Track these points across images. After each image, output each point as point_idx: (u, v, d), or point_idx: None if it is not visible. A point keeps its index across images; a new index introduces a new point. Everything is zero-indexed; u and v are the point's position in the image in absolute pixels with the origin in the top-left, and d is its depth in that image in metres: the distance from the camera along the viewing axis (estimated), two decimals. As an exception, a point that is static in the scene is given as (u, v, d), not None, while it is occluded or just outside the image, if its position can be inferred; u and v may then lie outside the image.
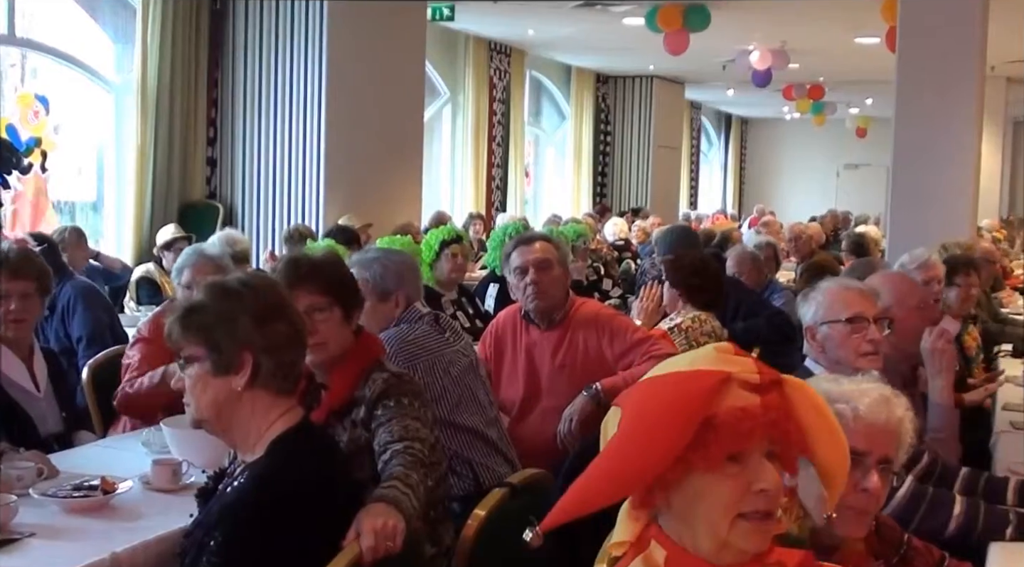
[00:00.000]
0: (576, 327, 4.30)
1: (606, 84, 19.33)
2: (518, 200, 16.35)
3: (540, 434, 4.21)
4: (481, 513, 2.98)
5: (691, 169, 23.27)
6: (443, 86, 14.87)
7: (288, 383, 2.50)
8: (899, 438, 2.22)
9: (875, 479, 2.17)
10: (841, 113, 21.19)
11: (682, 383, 1.62)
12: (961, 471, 3.41)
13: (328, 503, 2.47)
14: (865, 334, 3.45)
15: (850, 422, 2.15)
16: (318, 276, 3.15)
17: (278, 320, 2.47)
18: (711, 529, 1.61)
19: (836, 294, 3.50)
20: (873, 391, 2.22)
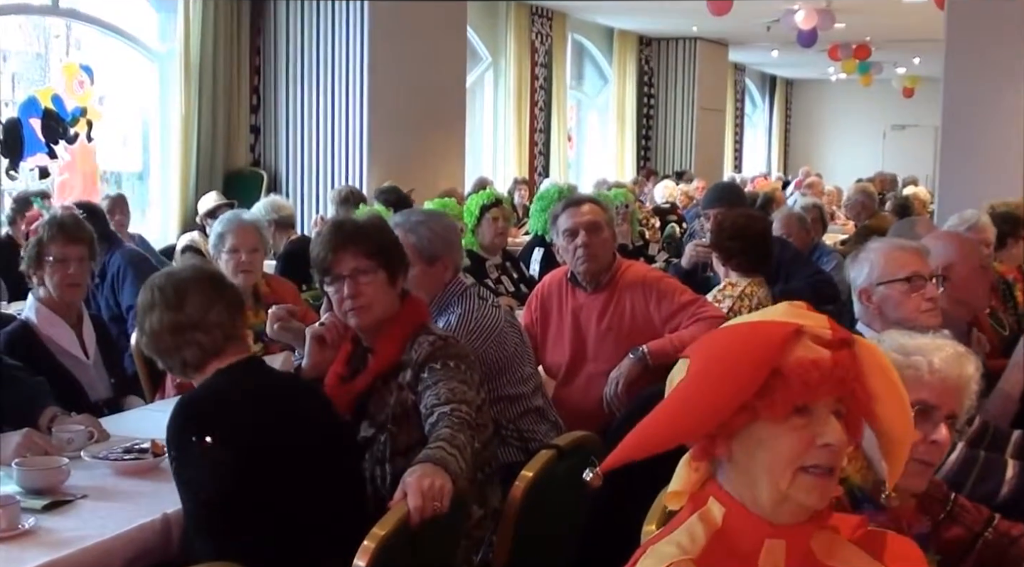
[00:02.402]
0: (622, 290, 4.28)
1: (649, 46, 19.18)
2: (561, 165, 16.29)
3: (586, 397, 4.20)
4: (529, 474, 2.98)
5: (735, 132, 23.08)
6: (485, 51, 14.82)
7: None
8: (967, 395, 2.24)
9: (944, 431, 2.19)
10: (888, 73, 20.91)
11: (753, 332, 1.63)
12: (1014, 435, 3.36)
13: (255, 422, 2.73)
14: (924, 292, 3.42)
15: (925, 374, 2.17)
16: (363, 239, 3.15)
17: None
18: (772, 481, 1.61)
19: (890, 254, 3.45)
20: (948, 346, 2.23)
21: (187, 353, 2.80)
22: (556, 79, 16.06)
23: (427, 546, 2.61)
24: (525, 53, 15.12)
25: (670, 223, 10.49)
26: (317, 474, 2.78)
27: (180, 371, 2.88)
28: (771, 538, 1.63)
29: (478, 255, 6.07)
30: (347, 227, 3.22)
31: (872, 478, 2.18)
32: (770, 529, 1.63)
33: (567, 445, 3.14)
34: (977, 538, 2.43)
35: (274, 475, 2.70)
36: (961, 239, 4.26)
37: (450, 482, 2.58)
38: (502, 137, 15.06)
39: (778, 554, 1.62)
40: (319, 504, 2.75)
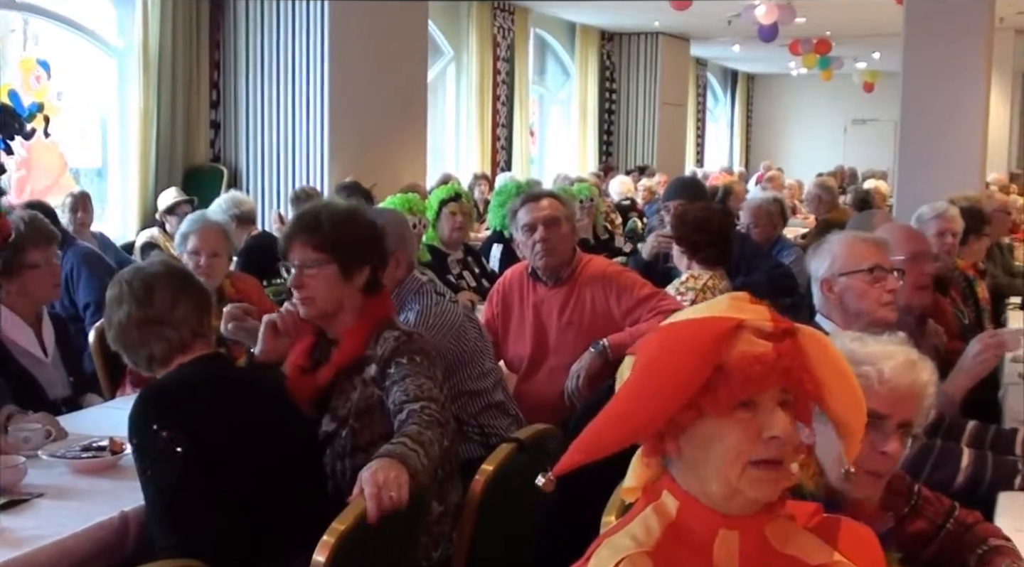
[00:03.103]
0: (583, 284, 4.29)
1: (611, 41, 19.21)
2: (523, 159, 16.29)
3: (548, 391, 4.22)
4: (489, 468, 2.99)
5: (697, 126, 23.14)
6: (447, 46, 14.79)
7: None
8: (921, 402, 2.21)
9: (894, 443, 2.17)
10: (848, 68, 21.02)
11: (694, 329, 1.62)
12: (968, 425, 3.40)
13: (216, 413, 2.76)
14: (884, 284, 3.43)
15: (875, 384, 2.14)
16: (313, 232, 3.12)
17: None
18: (722, 475, 1.60)
19: (853, 246, 3.46)
20: (899, 354, 2.20)
21: (154, 348, 2.85)
22: (518, 74, 16.05)
23: (387, 541, 2.61)
24: (487, 47, 15.10)
25: (631, 218, 10.52)
26: (277, 468, 2.80)
27: (145, 365, 2.91)
28: (724, 529, 1.63)
29: (440, 250, 6.06)
30: (304, 218, 3.20)
31: (825, 484, 2.18)
32: (722, 520, 1.63)
33: (528, 438, 3.15)
34: (939, 530, 2.45)
35: (234, 467, 2.71)
36: (906, 231, 4.31)
37: (407, 475, 2.57)
38: (464, 132, 15.03)
39: (732, 544, 1.63)
40: (280, 498, 2.76)
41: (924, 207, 5.42)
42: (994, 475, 2.99)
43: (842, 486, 2.17)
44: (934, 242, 5.16)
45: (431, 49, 12.63)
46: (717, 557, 1.62)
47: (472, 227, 6.87)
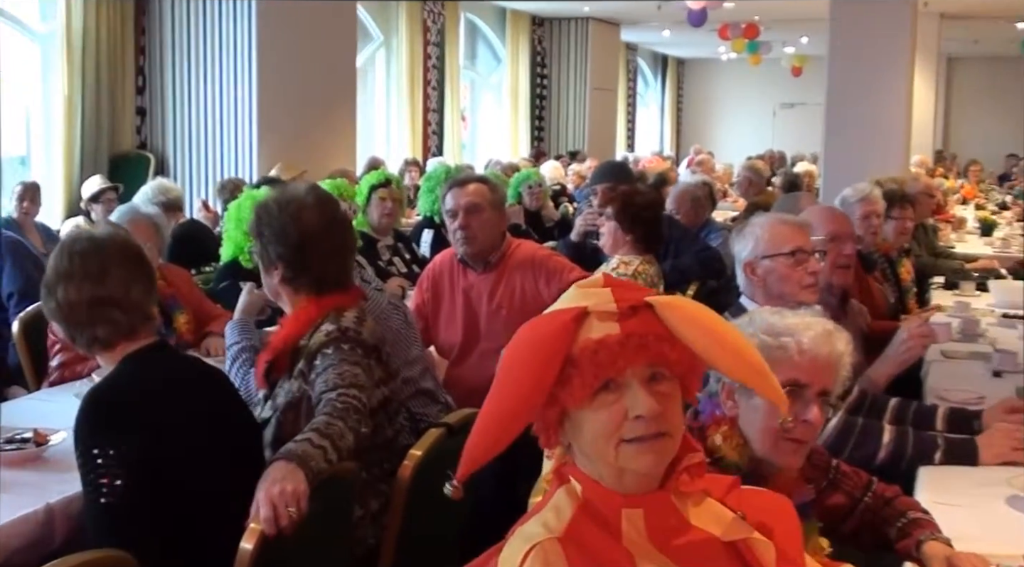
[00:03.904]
0: (513, 269, 4.30)
1: (542, 26, 19.23)
2: (455, 145, 16.26)
3: (479, 376, 4.19)
4: (417, 453, 2.98)
5: (628, 111, 23.25)
6: (376, 30, 14.70)
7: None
8: (838, 371, 2.26)
9: (815, 410, 2.21)
10: (777, 52, 21.22)
11: (540, 325, 1.65)
12: (891, 401, 3.47)
13: (165, 420, 2.62)
14: (807, 266, 3.47)
15: (794, 355, 2.19)
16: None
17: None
18: (602, 458, 1.63)
19: (774, 228, 3.50)
20: (816, 325, 2.25)
21: (100, 330, 2.68)
22: (449, 59, 16.01)
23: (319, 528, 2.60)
24: (417, 32, 15.04)
25: (562, 203, 10.55)
26: (227, 473, 2.69)
27: (86, 346, 2.74)
28: (627, 508, 1.65)
29: (369, 236, 6.04)
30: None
31: (749, 454, 2.22)
32: (623, 500, 1.65)
33: (456, 423, 3.15)
34: (858, 503, 2.52)
35: (183, 479, 2.61)
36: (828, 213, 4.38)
37: (305, 484, 2.48)
38: (395, 117, 14.96)
39: (638, 522, 1.64)
40: (229, 500, 2.62)
41: (847, 190, 5.50)
42: (915, 451, 3.05)
43: (767, 454, 2.21)
44: (859, 224, 5.23)
45: (360, 34, 12.56)
46: (626, 536, 1.64)
47: (403, 213, 6.84)
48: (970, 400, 3.65)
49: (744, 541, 1.71)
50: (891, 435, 3.07)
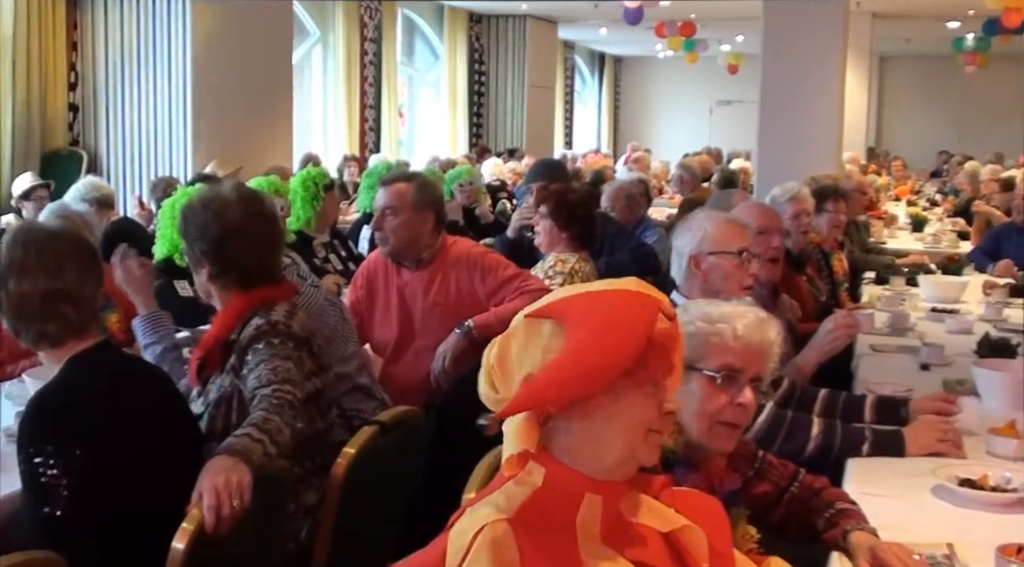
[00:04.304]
0: (448, 266, 4.30)
1: (479, 23, 19.22)
2: (392, 141, 16.22)
3: (414, 373, 4.23)
4: (351, 451, 2.98)
5: (566, 109, 23.31)
6: (312, 26, 14.62)
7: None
8: (770, 358, 2.33)
9: (749, 394, 2.28)
10: (713, 50, 21.36)
11: (628, 302, 1.70)
12: (820, 392, 3.53)
13: (112, 426, 2.58)
14: (749, 268, 3.55)
15: (729, 341, 2.27)
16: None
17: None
18: (627, 442, 1.70)
19: (724, 226, 3.56)
20: (750, 313, 2.33)
21: (51, 325, 2.62)
22: (386, 55, 15.96)
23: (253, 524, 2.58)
24: (354, 28, 14.97)
25: (500, 200, 10.57)
26: (173, 470, 2.64)
27: (32, 342, 2.67)
28: (591, 493, 1.69)
29: (305, 233, 6.00)
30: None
31: (683, 440, 2.26)
32: (591, 484, 1.69)
33: (390, 421, 3.15)
34: (784, 492, 2.56)
35: (131, 477, 2.58)
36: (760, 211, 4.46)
37: (249, 476, 2.49)
38: (332, 113, 14.89)
39: (595, 508, 1.69)
40: (175, 502, 2.53)
41: (776, 189, 5.55)
42: (843, 443, 3.11)
43: (702, 438, 2.26)
44: (789, 223, 5.31)
45: (297, 30, 12.49)
46: (581, 522, 1.68)
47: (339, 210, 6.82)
48: (898, 393, 3.72)
49: (677, 532, 1.77)
50: (820, 428, 3.12)
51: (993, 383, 3.76)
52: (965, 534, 2.53)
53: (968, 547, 2.43)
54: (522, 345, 1.71)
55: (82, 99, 9.88)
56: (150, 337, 3.44)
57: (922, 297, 6.07)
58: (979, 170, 12.69)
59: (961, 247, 8.90)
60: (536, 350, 1.69)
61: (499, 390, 1.72)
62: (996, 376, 3.78)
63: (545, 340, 1.69)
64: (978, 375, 3.83)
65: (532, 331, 1.71)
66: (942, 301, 5.92)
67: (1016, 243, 7.47)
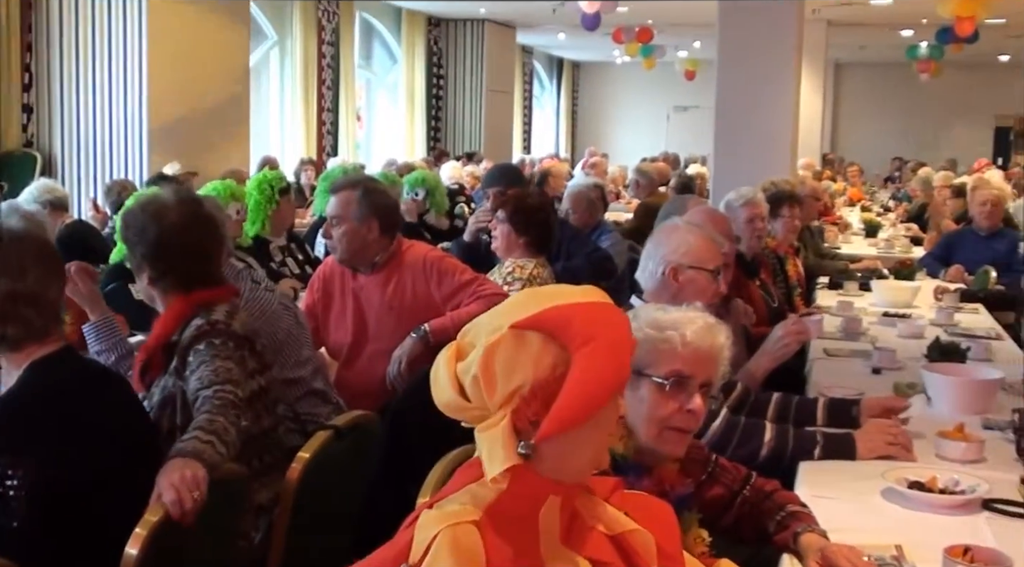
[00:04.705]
0: (403, 270, 4.29)
1: (438, 27, 19.23)
2: (350, 144, 16.19)
3: (369, 377, 4.22)
4: (305, 455, 2.98)
5: (524, 113, 23.37)
6: (270, 29, 14.57)
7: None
8: (719, 363, 2.34)
9: (699, 400, 2.29)
10: (670, 56, 21.46)
11: (617, 315, 1.74)
12: (773, 396, 3.57)
13: (73, 422, 2.57)
14: (717, 286, 3.60)
15: (678, 347, 2.27)
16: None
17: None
18: (597, 449, 1.74)
19: (706, 243, 3.60)
20: (699, 319, 2.33)
21: (11, 328, 2.57)
22: (344, 58, 15.93)
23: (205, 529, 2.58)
24: (312, 31, 14.93)
25: (459, 204, 10.56)
26: (133, 477, 2.61)
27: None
28: (553, 495, 1.70)
29: (262, 237, 5.98)
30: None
31: (634, 445, 2.28)
32: (555, 487, 1.70)
33: (345, 425, 3.16)
34: (736, 496, 2.59)
35: (92, 486, 2.56)
36: (721, 221, 4.49)
37: (203, 471, 2.51)
38: (289, 116, 14.84)
39: (555, 510, 1.70)
40: (136, 508, 2.52)
41: (731, 194, 5.59)
42: (795, 448, 3.15)
43: (652, 443, 2.28)
44: (745, 228, 5.35)
45: (254, 33, 12.45)
46: (543, 522, 1.69)
47: (295, 214, 6.80)
48: (849, 396, 3.76)
49: (626, 534, 1.78)
50: (772, 433, 3.16)
51: (942, 387, 3.81)
52: (914, 536, 2.56)
53: (916, 548, 2.47)
54: (511, 357, 1.66)
55: (36, 100, 9.79)
56: (101, 344, 3.42)
57: (874, 302, 6.15)
58: (932, 176, 12.83)
59: (914, 252, 9.00)
60: (527, 364, 1.65)
61: (473, 400, 1.67)
62: (946, 380, 3.83)
63: (536, 353, 1.66)
64: (928, 379, 3.88)
65: (521, 343, 1.66)
66: (894, 306, 5.99)
67: (968, 249, 7.57)
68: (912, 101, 24.32)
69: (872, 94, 25.30)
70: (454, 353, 1.70)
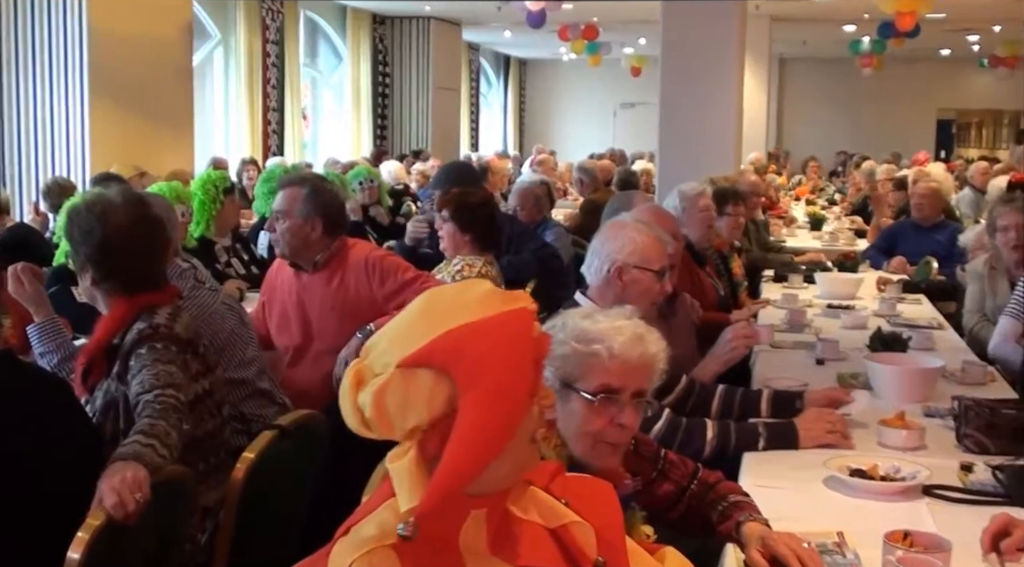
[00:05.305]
0: (346, 269, 4.28)
1: (383, 25, 19.16)
2: (296, 144, 16.10)
3: (315, 377, 4.21)
4: (250, 456, 2.97)
5: (471, 111, 23.35)
6: (213, 28, 14.45)
7: None
8: (652, 371, 2.30)
9: (629, 413, 2.27)
10: (616, 53, 21.54)
11: (513, 328, 1.61)
12: (718, 389, 3.60)
13: (11, 430, 2.53)
14: (663, 286, 3.61)
15: (606, 361, 2.23)
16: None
17: None
18: (513, 460, 1.62)
19: (653, 242, 3.60)
20: (627, 329, 2.28)
21: None
22: (289, 57, 15.83)
23: (149, 531, 2.56)
24: (255, 30, 14.83)
25: (405, 203, 10.55)
26: (77, 482, 2.58)
27: None
28: (476, 509, 1.65)
29: (207, 238, 5.94)
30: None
31: (568, 455, 2.27)
32: (475, 502, 1.64)
33: (289, 425, 3.15)
34: (684, 490, 2.60)
35: (28, 490, 2.53)
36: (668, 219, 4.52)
37: (143, 470, 2.50)
38: (234, 116, 14.73)
39: (480, 522, 1.65)
40: (79, 515, 2.50)
41: (682, 185, 5.64)
42: (738, 442, 3.18)
43: (584, 456, 2.27)
44: (698, 217, 5.43)
45: (197, 32, 12.34)
46: (464, 540, 1.64)
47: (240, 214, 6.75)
48: (793, 387, 3.80)
49: (564, 526, 1.75)
50: (714, 430, 3.18)
51: (884, 376, 3.86)
52: (855, 522, 2.60)
53: (858, 535, 2.50)
54: (402, 399, 1.57)
55: (-27, 102, 9.64)
56: (45, 345, 3.38)
57: (818, 294, 6.21)
58: (875, 169, 12.98)
59: (858, 245, 9.09)
60: (420, 404, 1.57)
61: (375, 432, 1.61)
62: (887, 369, 3.88)
63: (428, 392, 1.56)
64: (870, 369, 3.93)
65: (411, 382, 1.57)
66: (838, 298, 6.06)
67: (910, 240, 7.67)
68: (856, 95, 24.59)
69: (816, 89, 25.55)
70: (354, 381, 1.62)
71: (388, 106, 19.35)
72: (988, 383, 4.11)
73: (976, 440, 3.23)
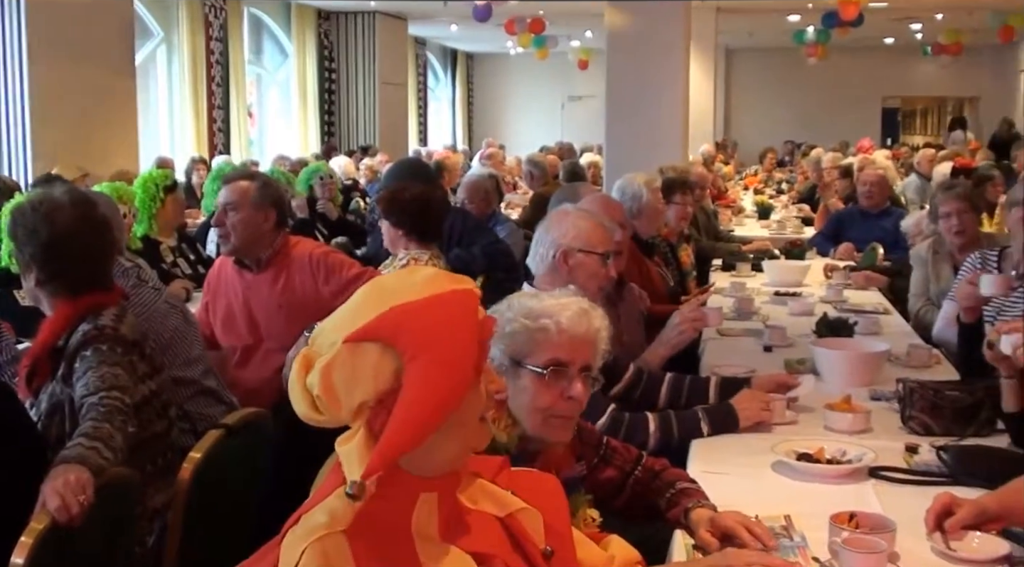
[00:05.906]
0: (290, 267, 4.26)
1: (328, 20, 19.04)
2: (242, 141, 15.98)
3: (263, 375, 4.19)
4: (197, 455, 2.95)
5: (419, 105, 23.29)
6: (155, 26, 14.30)
7: None
8: (597, 346, 2.34)
9: (579, 386, 2.29)
10: (563, 46, 21.56)
11: (457, 308, 1.64)
12: (666, 376, 3.62)
13: None
14: (608, 270, 3.64)
15: (554, 336, 2.26)
16: None
17: None
18: (461, 438, 1.65)
19: (596, 227, 3.65)
20: (573, 304, 2.32)
21: None
22: (233, 54, 15.69)
23: (94, 535, 2.54)
24: (199, 27, 14.68)
25: (353, 198, 10.52)
26: (15, 488, 2.57)
27: None
28: (425, 492, 1.65)
29: (152, 238, 5.88)
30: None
31: (519, 433, 2.28)
32: (425, 484, 1.65)
33: (236, 423, 3.13)
34: (628, 476, 2.62)
35: None
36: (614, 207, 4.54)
37: (87, 473, 2.48)
38: (179, 115, 14.59)
39: (432, 506, 1.66)
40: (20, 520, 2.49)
41: (629, 175, 5.67)
42: (681, 431, 3.22)
43: (537, 432, 2.28)
44: (647, 207, 5.46)
45: (139, 30, 12.22)
46: (416, 524, 1.64)
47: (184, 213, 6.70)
48: (740, 374, 3.82)
49: (512, 515, 1.77)
50: (656, 423, 3.21)
51: (830, 361, 3.90)
52: (803, 506, 2.63)
53: (805, 517, 2.53)
54: (349, 374, 1.59)
55: (-90, 103, 9.47)
56: None
57: (766, 281, 6.25)
58: (822, 158, 13.08)
59: (805, 232, 9.16)
60: (367, 377, 1.59)
61: (325, 414, 1.62)
62: (833, 354, 3.92)
63: (374, 365, 1.58)
64: (817, 354, 3.97)
65: (357, 357, 1.59)
66: (785, 285, 6.10)
67: (857, 227, 7.74)
68: (802, 85, 24.76)
69: (763, 79, 25.71)
70: (303, 365, 1.63)
71: (335, 102, 19.24)
72: (933, 365, 4.17)
73: (920, 421, 3.27)
